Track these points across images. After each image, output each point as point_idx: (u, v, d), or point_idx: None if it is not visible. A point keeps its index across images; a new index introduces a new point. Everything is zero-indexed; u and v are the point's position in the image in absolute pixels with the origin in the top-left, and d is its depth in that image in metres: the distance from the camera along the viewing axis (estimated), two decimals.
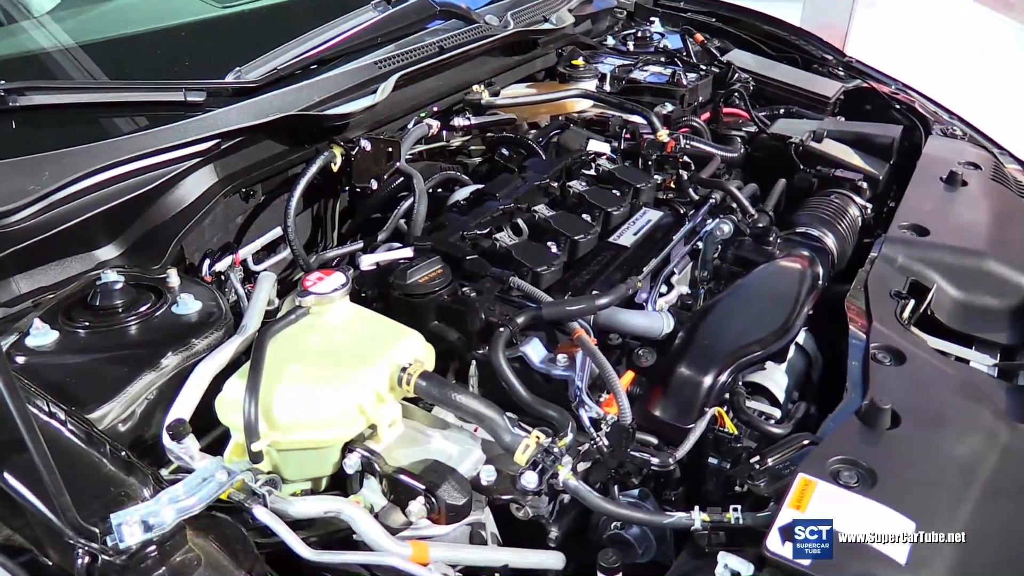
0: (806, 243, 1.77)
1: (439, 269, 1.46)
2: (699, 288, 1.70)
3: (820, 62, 2.89)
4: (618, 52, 2.80)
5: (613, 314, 1.42)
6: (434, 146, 2.20)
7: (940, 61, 5.17)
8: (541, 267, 1.48)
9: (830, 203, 1.91)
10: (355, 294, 1.52)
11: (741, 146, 2.30)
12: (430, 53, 2.07)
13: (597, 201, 1.71)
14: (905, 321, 1.61)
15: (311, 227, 2.09)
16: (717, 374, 1.37)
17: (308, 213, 2.06)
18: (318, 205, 2.06)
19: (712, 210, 1.85)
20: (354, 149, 1.77)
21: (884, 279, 1.71)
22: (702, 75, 2.57)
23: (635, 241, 1.65)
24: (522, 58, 2.45)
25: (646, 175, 1.87)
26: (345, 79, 1.87)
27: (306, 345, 1.26)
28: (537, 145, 2.07)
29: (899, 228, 1.85)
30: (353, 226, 2.06)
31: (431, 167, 2.17)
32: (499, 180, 1.79)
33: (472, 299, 1.39)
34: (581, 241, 1.59)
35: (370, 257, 1.52)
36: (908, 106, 2.60)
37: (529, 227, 1.66)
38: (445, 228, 1.60)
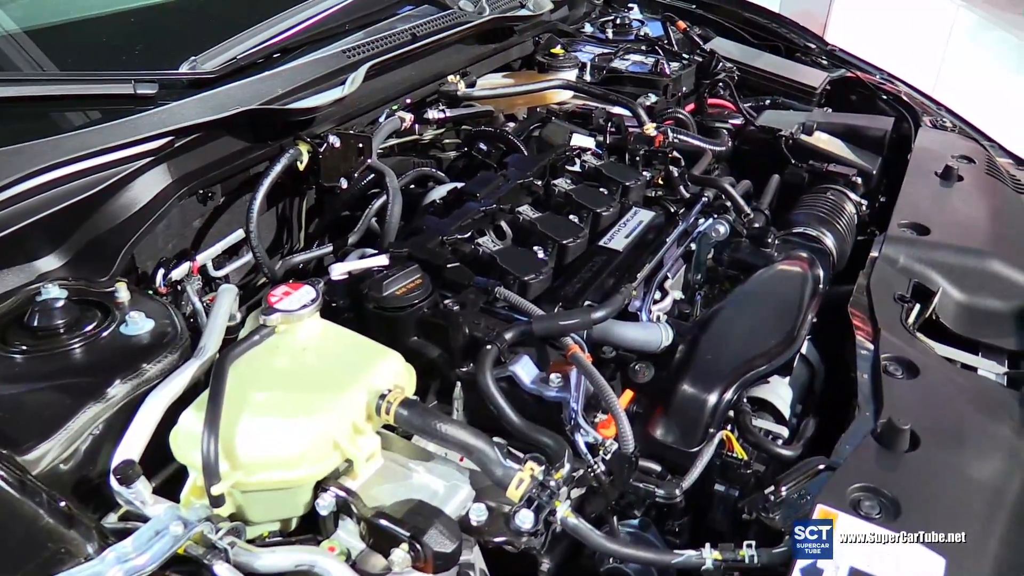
0: (805, 244, 1.67)
1: (418, 279, 1.34)
2: (694, 294, 1.59)
3: (803, 51, 2.81)
4: (597, 40, 2.69)
5: (608, 327, 1.31)
6: (406, 140, 2.07)
7: (912, 49, 5.14)
8: (528, 275, 1.37)
9: (826, 200, 1.82)
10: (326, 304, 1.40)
11: (728, 139, 2.19)
12: (402, 41, 1.94)
13: (585, 201, 1.59)
14: (911, 327, 1.53)
15: (276, 227, 1.95)
16: (722, 391, 1.27)
17: (273, 212, 1.92)
18: (283, 203, 1.92)
19: (705, 209, 1.74)
20: (322, 146, 1.64)
21: (887, 282, 1.62)
22: (685, 64, 2.46)
23: (627, 245, 1.54)
24: (498, 46, 2.33)
25: (635, 172, 1.76)
26: (311, 69, 1.73)
27: (272, 370, 1.13)
28: (517, 140, 1.95)
29: (899, 227, 1.76)
30: (321, 225, 1.93)
31: (403, 163, 2.05)
32: (479, 178, 1.67)
33: (455, 313, 1.27)
34: (570, 245, 1.47)
35: (341, 266, 1.39)
36: (895, 96, 2.53)
37: (513, 230, 1.55)
38: (423, 232, 1.48)
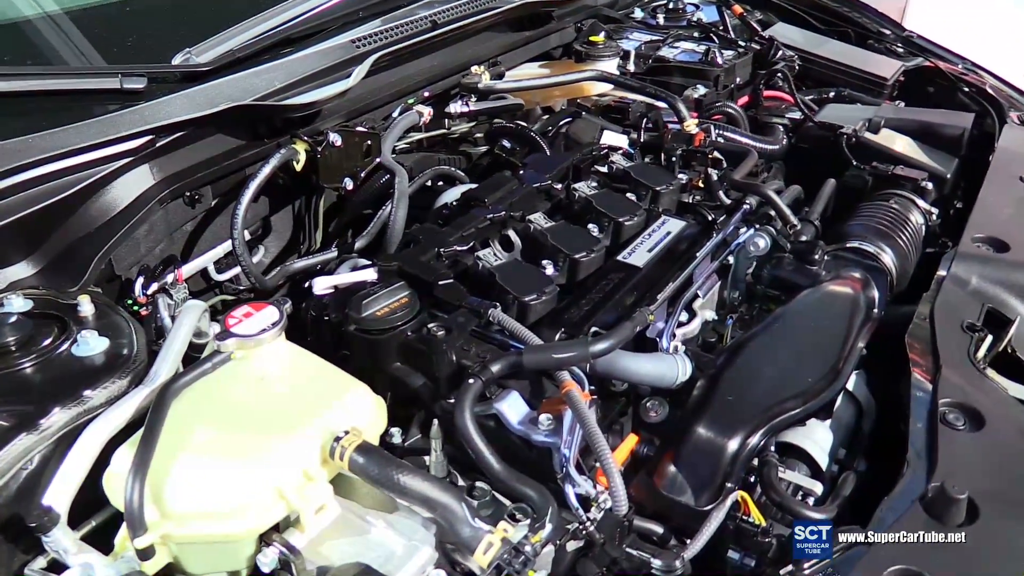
0: (859, 261, 1.46)
1: (403, 298, 1.20)
2: (728, 316, 1.41)
3: (876, 37, 2.55)
4: (646, 26, 2.49)
5: (614, 359, 1.14)
6: (434, 134, 1.93)
7: (1007, 36, 4.72)
8: (529, 295, 1.21)
9: (888, 209, 1.60)
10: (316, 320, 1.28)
11: (783, 137, 1.98)
12: (421, 29, 1.79)
13: (606, 209, 1.42)
14: (980, 362, 1.31)
15: (292, 227, 1.85)
16: (745, 437, 1.09)
17: (289, 211, 1.81)
18: (300, 202, 1.81)
19: (746, 218, 1.55)
20: (321, 144, 1.51)
21: (954, 307, 1.41)
22: (740, 52, 2.25)
23: (649, 260, 1.36)
24: (533, 34, 2.16)
25: (668, 174, 1.57)
26: (315, 61, 1.60)
27: (221, 403, 1.00)
28: (543, 137, 1.78)
29: (972, 241, 1.54)
30: (340, 225, 1.82)
31: (427, 159, 1.91)
32: (491, 181, 1.52)
33: (439, 339, 1.12)
34: (583, 260, 1.31)
35: (325, 280, 1.27)
36: (978, 88, 2.26)
37: (523, 241, 1.39)
38: (419, 242, 1.33)
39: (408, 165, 1.84)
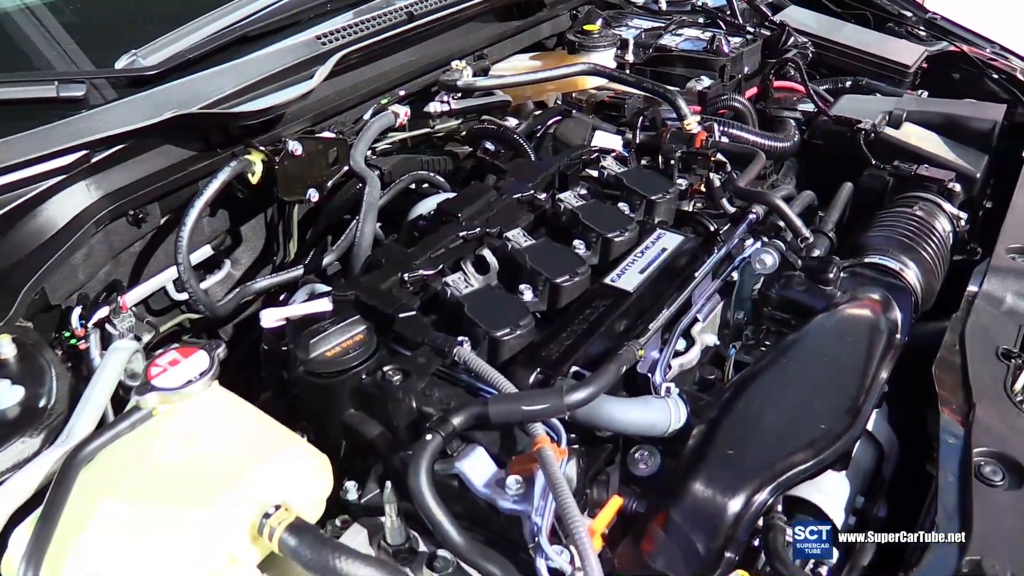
0: (879, 279, 1.30)
1: (358, 335, 1.06)
2: (731, 344, 1.25)
3: (896, 20, 2.37)
4: (648, 12, 2.32)
5: (597, 404, 0.99)
6: (417, 133, 1.78)
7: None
8: (501, 330, 1.07)
9: (911, 217, 1.44)
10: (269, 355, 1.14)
11: (795, 133, 1.82)
12: (395, 22, 1.64)
13: (593, 223, 1.27)
14: (1017, 395, 1.16)
15: (265, 237, 1.71)
16: (749, 497, 0.94)
17: (261, 219, 1.68)
18: (272, 210, 1.68)
19: (752, 229, 1.39)
20: (279, 153, 1.37)
21: (987, 329, 1.25)
22: (749, 40, 2.09)
23: (641, 282, 1.21)
24: (522, 23, 2.00)
25: (665, 181, 1.42)
26: (275, 61, 1.45)
27: (139, 469, 0.87)
28: (529, 139, 1.63)
29: (1007, 252, 1.38)
30: (316, 233, 1.67)
31: (409, 162, 1.76)
32: (468, 191, 1.37)
33: (395, 386, 0.98)
34: (565, 286, 1.16)
35: (274, 313, 1.13)
36: (1008, 75, 2.08)
37: (500, 261, 1.24)
38: (381, 266, 1.19)
39: (387, 168, 1.70)
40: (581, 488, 1.01)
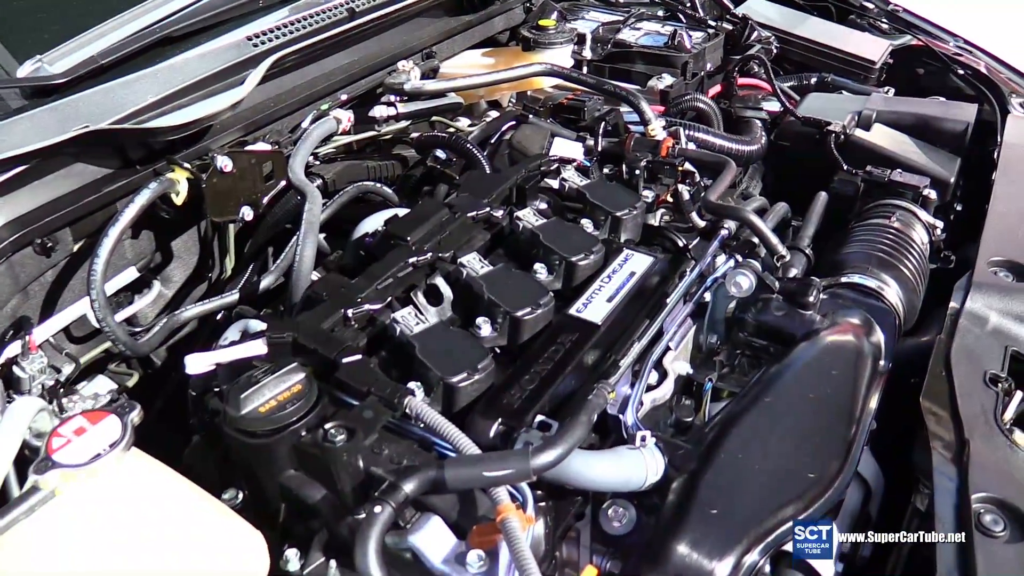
0: (860, 300, 1.22)
1: (296, 385, 0.93)
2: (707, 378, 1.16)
3: (859, 11, 2.30)
4: (604, 3, 2.22)
5: (566, 460, 0.89)
6: (362, 137, 1.65)
7: None
8: (457, 375, 0.96)
9: (889, 231, 1.36)
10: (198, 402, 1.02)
11: (762, 134, 1.73)
12: (335, 19, 1.50)
13: (555, 245, 1.17)
14: (1007, 425, 1.09)
15: (199, 251, 1.57)
16: (738, 558, 0.85)
17: (193, 233, 1.54)
18: (206, 222, 1.54)
19: (724, 244, 1.30)
20: (206, 170, 1.23)
21: (973, 351, 1.19)
22: (710, 34, 1.99)
23: (610, 312, 1.11)
24: (475, 18, 1.87)
25: (630, 194, 1.32)
26: (201, 65, 1.31)
27: (40, 561, 0.74)
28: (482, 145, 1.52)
29: (989, 266, 1.31)
30: (255, 248, 1.54)
31: (354, 169, 1.63)
32: (418, 210, 1.25)
33: (338, 449, 0.87)
34: (526, 319, 1.05)
35: (201, 358, 1.00)
36: (974, 71, 2.02)
37: (454, 291, 1.13)
38: (322, 300, 1.07)
39: (330, 176, 1.57)
40: (550, 549, 0.91)
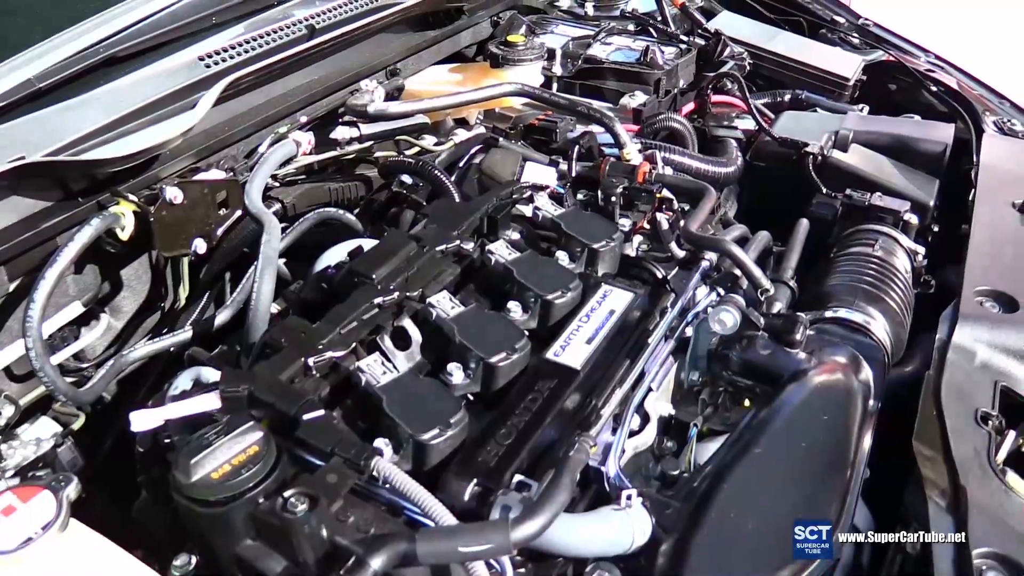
0: (847, 336, 1.18)
1: (252, 447, 0.85)
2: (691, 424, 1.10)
3: (829, 26, 2.27)
4: (574, 17, 2.16)
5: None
6: (324, 157, 1.57)
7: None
8: (427, 432, 0.89)
9: (871, 261, 1.31)
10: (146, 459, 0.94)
11: (738, 155, 1.69)
12: (294, 37, 1.42)
13: (530, 282, 1.10)
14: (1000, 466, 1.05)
15: (149, 280, 1.48)
16: None
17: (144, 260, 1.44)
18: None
19: (705, 276, 1.25)
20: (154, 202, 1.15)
21: (962, 388, 1.14)
22: (683, 50, 1.94)
23: (589, 356, 1.04)
24: (440, 33, 1.80)
25: (607, 225, 1.26)
26: (149, 88, 1.23)
27: None
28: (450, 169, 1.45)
29: (975, 295, 1.27)
30: (210, 275, 1.45)
31: (315, 192, 1.55)
32: (382, 245, 1.17)
33: (298, 519, 0.79)
34: (501, 366, 0.99)
35: (148, 415, 0.92)
36: (947, 88, 2.00)
37: (424, 333, 1.06)
38: (281, 348, 0.99)
39: (291, 200, 1.49)
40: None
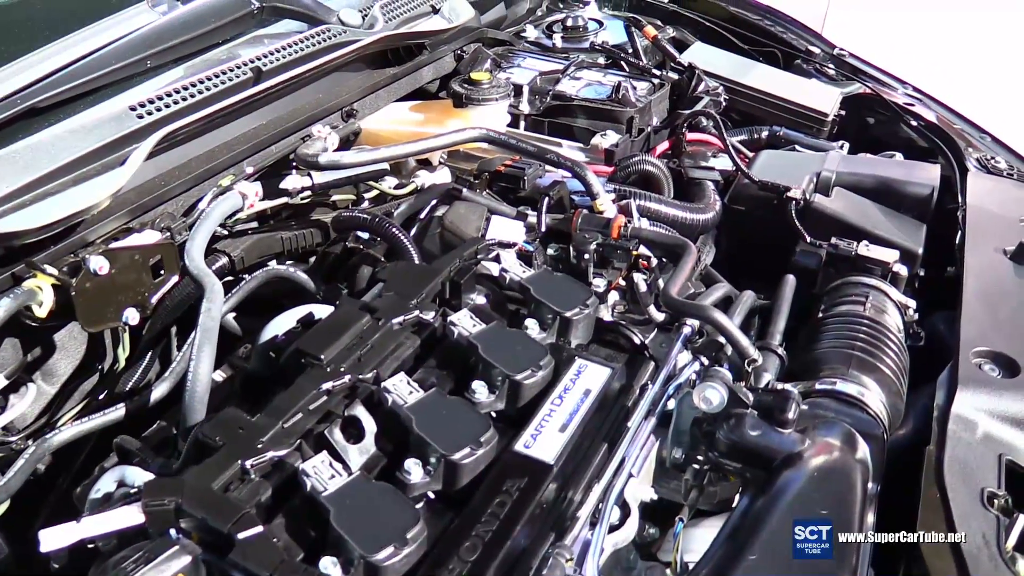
0: (842, 410, 1.08)
1: (179, 574, 0.74)
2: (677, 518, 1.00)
3: (804, 57, 2.20)
4: (541, 48, 2.06)
5: None
6: (276, 203, 1.46)
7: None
8: (381, 551, 0.77)
9: (862, 323, 1.22)
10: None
11: (716, 200, 1.60)
12: (238, 81, 1.31)
13: (497, 360, 0.99)
14: (1010, 554, 0.96)
15: (85, 340, 1.35)
16: None
17: None
18: None
19: (687, 342, 1.15)
20: (75, 274, 1.03)
21: (967, 466, 1.06)
22: (656, 84, 1.86)
23: (563, 447, 0.94)
24: (400, 71, 1.69)
25: (580, 289, 1.15)
26: (71, 144, 1.10)
27: None
28: (411, 222, 1.34)
29: (972, 357, 1.19)
30: (152, 333, 1.33)
31: (266, 242, 1.44)
32: (332, 321, 1.05)
33: None
34: (464, 463, 0.88)
35: (59, 534, 0.80)
36: (927, 123, 1.94)
37: (379, 421, 0.95)
38: (216, 449, 0.87)
39: (238, 254, 1.38)
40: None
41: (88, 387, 1.37)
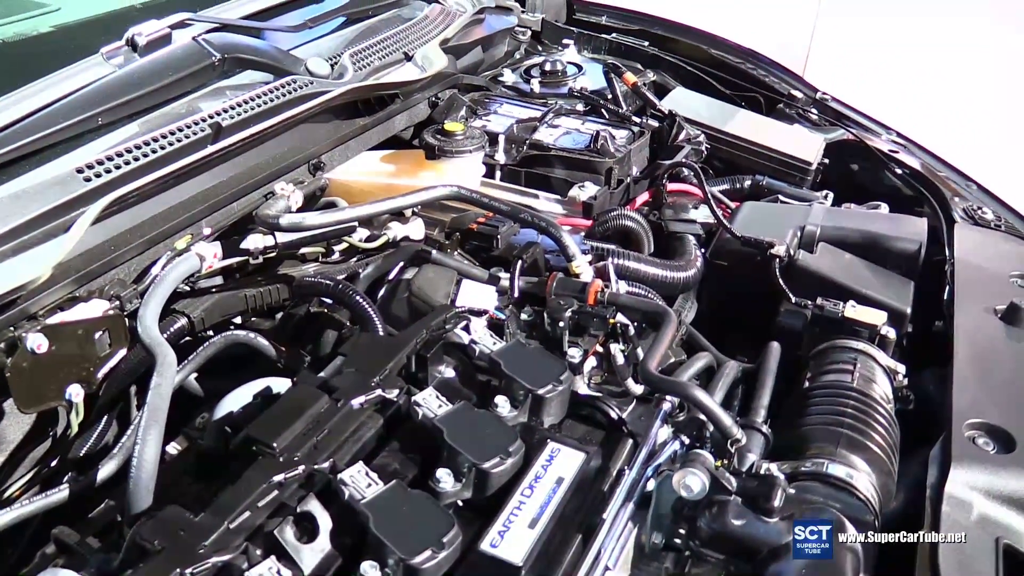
0: (829, 494, 1.02)
1: None
2: None
3: (787, 101, 2.17)
4: (519, 94, 2.01)
5: None
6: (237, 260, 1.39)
7: None
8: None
9: (850, 396, 1.16)
10: None
11: (698, 255, 1.55)
12: (195, 139, 1.24)
13: (463, 447, 0.93)
14: None
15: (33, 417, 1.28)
16: None
17: None
18: None
19: (667, 419, 1.09)
20: (13, 352, 0.96)
21: (962, 555, 0.99)
22: (636, 132, 1.81)
23: (533, 545, 0.87)
24: (370, 121, 1.63)
25: (556, 363, 1.09)
26: (11, 210, 1.03)
27: None
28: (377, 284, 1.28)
29: (966, 430, 1.13)
30: (107, 398, 1.26)
31: (229, 301, 1.36)
32: (286, 404, 0.98)
33: None
34: (425, 568, 0.81)
35: None
36: (912, 171, 1.90)
37: (334, 517, 0.88)
38: (156, 553, 0.80)
39: (198, 315, 1.31)
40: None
41: (39, 454, 1.29)
